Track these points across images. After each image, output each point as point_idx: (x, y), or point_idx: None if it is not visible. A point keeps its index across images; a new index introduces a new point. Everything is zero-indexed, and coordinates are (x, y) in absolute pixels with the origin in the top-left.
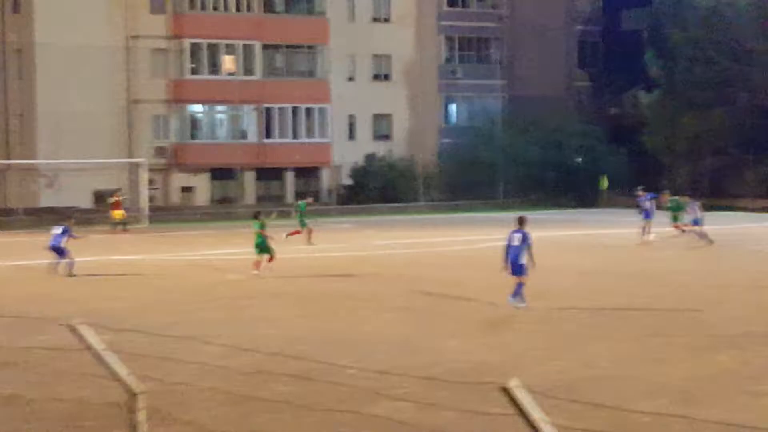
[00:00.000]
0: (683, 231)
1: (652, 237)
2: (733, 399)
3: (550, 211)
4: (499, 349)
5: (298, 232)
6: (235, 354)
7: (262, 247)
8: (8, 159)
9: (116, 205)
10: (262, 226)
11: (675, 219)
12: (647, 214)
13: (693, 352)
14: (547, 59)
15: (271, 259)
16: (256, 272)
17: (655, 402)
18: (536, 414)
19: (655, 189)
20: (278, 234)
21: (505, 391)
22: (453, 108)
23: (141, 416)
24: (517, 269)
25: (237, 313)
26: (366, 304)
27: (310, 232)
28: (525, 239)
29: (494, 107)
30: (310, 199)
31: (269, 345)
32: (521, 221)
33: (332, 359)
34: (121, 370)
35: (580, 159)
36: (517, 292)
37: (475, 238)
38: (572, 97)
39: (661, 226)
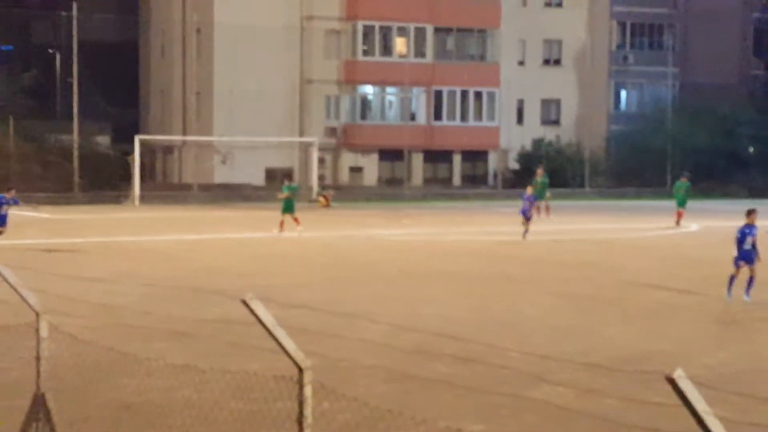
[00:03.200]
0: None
1: None
2: None
3: (720, 201)
4: (663, 338)
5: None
6: (397, 332)
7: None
8: (185, 135)
9: (326, 199)
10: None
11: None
12: None
13: None
14: (720, 46)
15: (296, 220)
16: (278, 232)
17: None
18: (700, 405)
19: None
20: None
21: (669, 380)
22: (623, 94)
23: (307, 391)
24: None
25: (399, 291)
26: (527, 288)
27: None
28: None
29: (665, 94)
30: None
31: (429, 325)
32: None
33: (492, 341)
34: (289, 345)
35: (752, 148)
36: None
37: (642, 227)
38: (746, 85)
39: None
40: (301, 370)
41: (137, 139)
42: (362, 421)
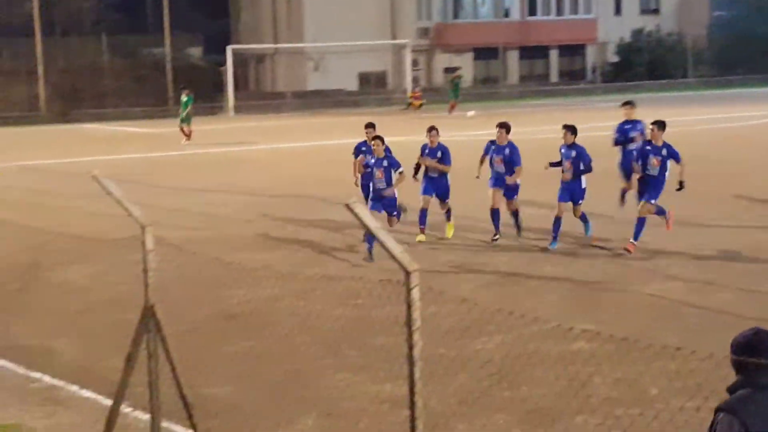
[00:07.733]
0: None
1: None
2: None
3: None
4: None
5: None
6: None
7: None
8: (276, 43)
9: (417, 97)
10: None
11: None
12: None
13: None
14: None
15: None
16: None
17: None
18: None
19: None
20: None
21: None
22: None
23: (415, 293)
24: None
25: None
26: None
27: None
28: None
29: None
30: None
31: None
32: None
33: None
34: (395, 248)
35: None
36: None
37: (751, 114)
38: None
39: None
40: (408, 273)
41: (229, 49)
42: (472, 324)
